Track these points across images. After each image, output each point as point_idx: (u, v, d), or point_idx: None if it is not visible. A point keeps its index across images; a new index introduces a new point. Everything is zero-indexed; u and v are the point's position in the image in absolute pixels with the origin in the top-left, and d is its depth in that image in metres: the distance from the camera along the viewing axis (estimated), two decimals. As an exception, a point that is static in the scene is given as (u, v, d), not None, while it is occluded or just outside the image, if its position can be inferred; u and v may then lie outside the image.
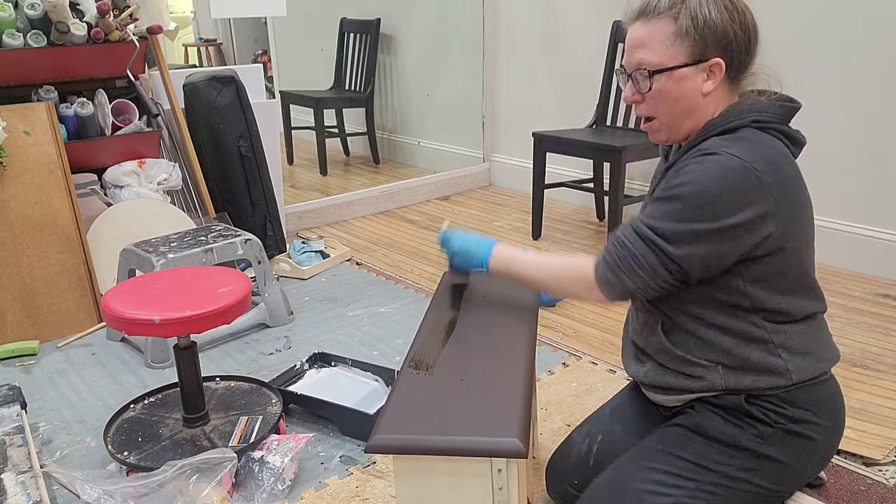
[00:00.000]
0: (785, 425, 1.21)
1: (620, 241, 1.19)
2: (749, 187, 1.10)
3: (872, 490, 1.56)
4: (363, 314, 2.54)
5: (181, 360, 1.67)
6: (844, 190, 2.77)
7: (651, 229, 1.15)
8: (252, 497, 1.56)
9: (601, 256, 1.22)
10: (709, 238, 1.12)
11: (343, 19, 4.71)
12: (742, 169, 1.10)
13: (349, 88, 4.71)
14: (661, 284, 1.17)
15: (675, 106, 1.19)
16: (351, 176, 4.51)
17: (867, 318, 2.39)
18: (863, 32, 2.61)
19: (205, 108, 2.76)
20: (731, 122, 1.17)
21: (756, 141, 1.15)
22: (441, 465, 0.99)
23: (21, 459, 1.64)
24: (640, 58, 1.18)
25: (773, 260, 1.16)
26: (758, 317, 1.19)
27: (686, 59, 1.16)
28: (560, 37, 3.70)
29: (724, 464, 1.21)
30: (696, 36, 1.14)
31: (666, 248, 1.13)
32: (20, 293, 2.31)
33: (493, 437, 0.96)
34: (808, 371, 1.21)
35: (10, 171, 2.33)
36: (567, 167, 3.67)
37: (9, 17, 2.40)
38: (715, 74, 1.17)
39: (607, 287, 1.20)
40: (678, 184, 1.14)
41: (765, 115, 1.17)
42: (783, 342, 1.20)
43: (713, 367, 1.22)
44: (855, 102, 2.68)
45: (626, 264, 1.17)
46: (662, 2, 1.16)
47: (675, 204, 1.13)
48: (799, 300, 1.21)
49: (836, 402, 1.26)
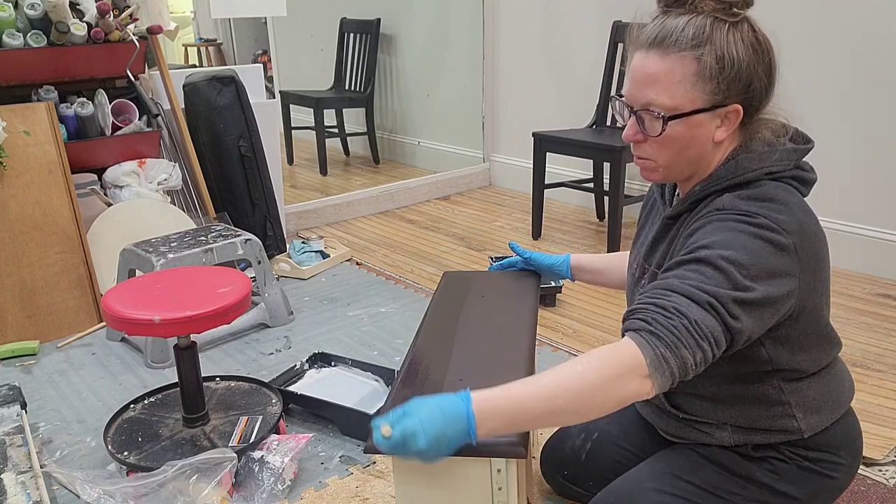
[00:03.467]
0: (801, 462, 1.15)
1: (670, 308, 0.95)
2: (786, 255, 1.00)
3: (872, 490, 1.56)
4: (363, 314, 2.54)
5: (181, 360, 1.67)
6: (845, 190, 2.77)
7: (707, 293, 0.95)
8: (252, 497, 1.56)
9: (641, 331, 0.95)
10: (757, 308, 0.98)
11: (343, 19, 4.71)
12: (777, 234, 1.00)
13: (349, 88, 4.71)
14: (715, 357, 0.97)
15: (682, 153, 1.06)
16: (351, 176, 4.51)
17: (867, 318, 2.39)
18: (864, 34, 2.61)
19: (205, 108, 2.76)
20: (743, 175, 1.05)
21: (781, 200, 1.03)
22: (440, 465, 0.99)
23: (21, 459, 1.64)
24: (651, 97, 1.04)
25: (795, 323, 1.07)
26: (775, 379, 1.11)
27: (704, 104, 1.02)
28: (560, 37, 3.70)
29: (736, 493, 1.15)
30: (720, 79, 1.01)
31: (726, 318, 0.95)
32: (20, 293, 2.31)
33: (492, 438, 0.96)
34: (821, 425, 1.15)
35: (10, 171, 2.33)
36: (567, 167, 3.67)
37: (9, 17, 2.40)
38: (731, 121, 1.05)
39: (662, 370, 0.92)
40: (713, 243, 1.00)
41: (777, 166, 1.06)
42: (799, 401, 1.12)
43: (721, 426, 1.15)
44: (856, 103, 2.68)
45: (686, 335, 0.93)
46: (686, 33, 1.01)
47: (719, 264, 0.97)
48: (818, 353, 1.14)
49: (854, 436, 1.20)
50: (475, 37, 4.11)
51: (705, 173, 1.10)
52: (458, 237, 3.35)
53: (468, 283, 1.49)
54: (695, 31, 1.01)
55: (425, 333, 1.28)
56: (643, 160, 1.11)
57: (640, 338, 0.94)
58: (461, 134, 4.38)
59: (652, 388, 0.93)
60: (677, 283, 0.97)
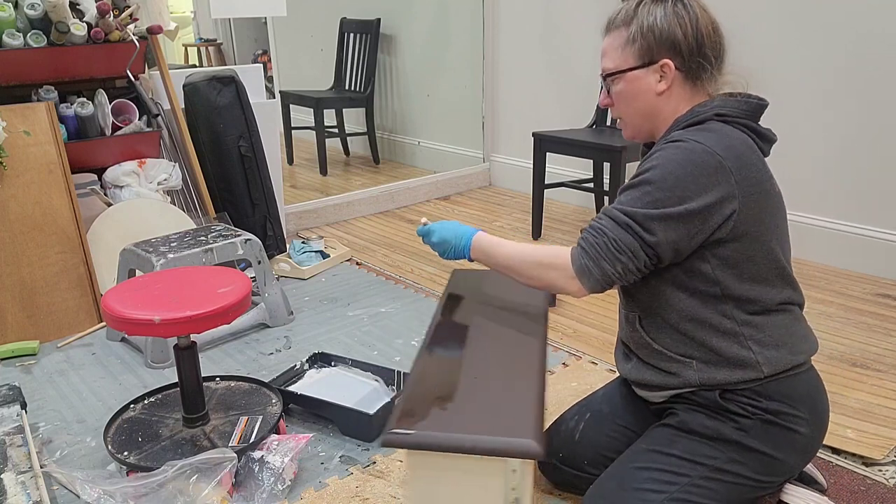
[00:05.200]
0: (763, 416, 1.24)
1: (597, 228, 1.23)
2: (711, 170, 1.17)
3: (872, 490, 1.56)
4: (363, 314, 2.54)
5: (181, 360, 1.67)
6: (844, 190, 2.77)
7: (626, 214, 1.20)
8: (252, 497, 1.56)
9: (577, 245, 1.25)
10: (679, 221, 1.17)
11: (343, 19, 4.71)
12: (704, 153, 1.17)
13: (349, 88, 4.71)
14: (640, 268, 1.21)
15: (632, 105, 1.30)
16: (351, 176, 4.51)
17: (867, 318, 2.39)
18: (855, 36, 2.61)
19: (205, 108, 2.76)
20: (696, 116, 1.24)
21: (718, 131, 1.21)
22: (455, 462, 0.98)
23: (21, 459, 1.64)
24: (603, 65, 1.32)
25: (739, 245, 1.21)
26: (728, 306, 1.23)
27: (635, 62, 1.27)
28: (560, 37, 3.70)
29: (713, 457, 1.25)
30: (642, 41, 1.25)
31: (642, 233, 1.18)
32: (20, 293, 2.31)
33: (509, 438, 0.96)
34: (780, 364, 1.24)
35: (10, 171, 2.33)
36: (567, 167, 3.68)
37: (9, 17, 2.40)
38: (667, 74, 1.26)
39: (586, 275, 1.23)
40: (646, 169, 1.21)
41: (727, 109, 1.24)
42: (753, 334, 1.24)
43: (687, 363, 1.27)
44: (855, 103, 2.68)
45: (606, 250, 1.21)
46: (619, 15, 1.29)
47: (644, 188, 1.20)
48: (770, 289, 1.24)
49: (814, 393, 1.29)
50: (475, 37, 4.11)
51: (665, 127, 1.29)
52: (458, 237, 3.35)
53: (478, 280, 1.50)
54: (625, 11, 1.29)
55: (438, 330, 1.28)
56: (618, 120, 1.37)
57: (575, 250, 1.25)
58: (461, 134, 4.38)
59: (580, 286, 1.24)
60: (611, 207, 1.24)
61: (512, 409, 1.03)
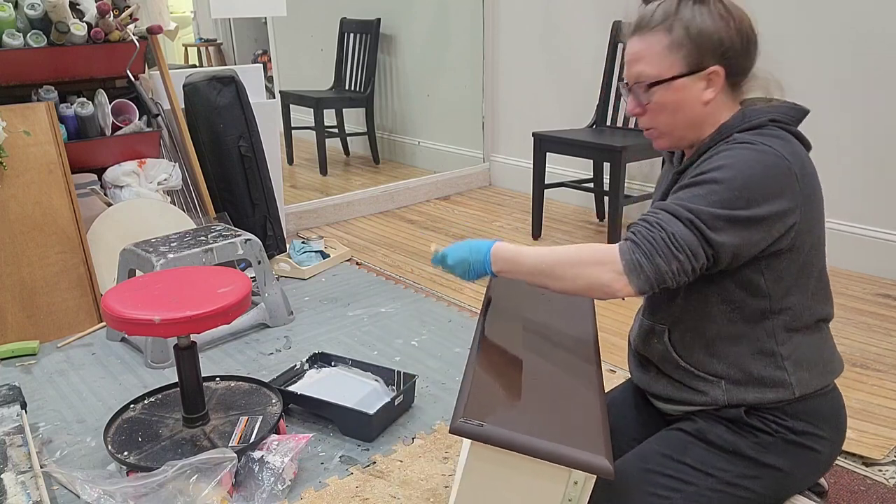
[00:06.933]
0: (786, 435, 1.20)
1: (652, 222, 1.11)
2: (783, 177, 1.09)
3: (872, 490, 1.56)
4: (363, 314, 2.54)
5: (181, 360, 1.67)
6: (845, 190, 2.77)
7: (689, 211, 1.09)
8: (252, 497, 1.56)
9: (627, 240, 1.12)
10: (744, 226, 1.08)
11: (343, 19, 4.71)
12: (775, 156, 1.09)
13: (349, 88, 4.71)
14: (696, 270, 1.10)
15: (675, 116, 1.19)
16: (351, 176, 4.51)
17: (867, 318, 2.39)
18: (855, 36, 2.61)
19: (205, 108, 2.76)
20: (751, 121, 1.16)
21: (782, 136, 1.14)
22: (521, 462, 0.98)
23: (21, 459, 1.64)
24: (638, 70, 1.19)
25: (795, 255, 1.15)
26: (772, 322, 1.17)
27: (683, 69, 1.16)
28: (560, 37, 3.70)
29: (724, 470, 1.21)
30: (690, 46, 1.14)
31: (705, 231, 1.08)
32: (20, 293, 2.31)
33: (582, 451, 0.96)
34: (811, 385, 1.20)
35: (10, 171, 2.33)
36: (567, 167, 3.68)
37: (9, 17, 2.40)
38: (714, 82, 1.16)
39: (636, 272, 1.09)
40: (713, 168, 1.11)
41: (780, 115, 1.17)
42: (790, 354, 1.18)
43: (717, 382, 1.21)
44: (856, 103, 2.68)
45: (663, 246, 1.08)
46: (656, 15, 1.17)
47: (711, 186, 1.09)
48: (814, 303, 1.20)
49: (838, 413, 1.25)
50: (475, 37, 4.11)
51: (707, 134, 1.19)
52: (458, 237, 3.35)
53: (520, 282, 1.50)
54: (664, 11, 1.16)
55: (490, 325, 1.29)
56: (648, 130, 1.24)
57: (624, 244, 1.12)
58: (461, 134, 4.38)
59: (627, 284, 1.10)
60: (669, 203, 1.12)
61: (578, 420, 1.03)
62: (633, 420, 1.41)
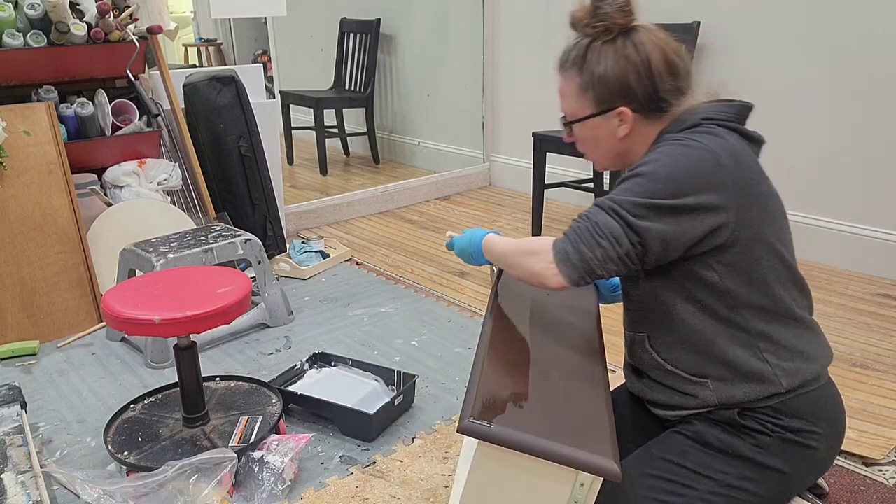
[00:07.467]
0: (783, 434, 1.20)
1: (582, 215, 1.18)
2: (711, 170, 1.12)
3: (872, 490, 1.56)
4: (363, 314, 2.54)
5: (181, 360, 1.67)
6: (844, 190, 2.77)
7: (612, 201, 1.15)
8: (252, 497, 1.56)
9: (560, 236, 1.20)
10: (669, 214, 1.12)
11: (343, 19, 4.71)
12: (703, 151, 1.13)
13: (349, 88, 4.71)
14: (622, 257, 1.14)
15: (598, 148, 1.29)
16: (351, 176, 4.51)
17: (867, 318, 2.39)
18: (855, 36, 2.61)
19: (205, 108, 2.76)
20: (684, 123, 1.20)
21: (714, 132, 1.17)
22: (528, 463, 0.98)
23: (21, 459, 1.64)
24: (563, 108, 1.29)
25: (742, 248, 1.16)
26: (741, 317, 1.19)
27: (593, 110, 1.24)
28: (560, 37, 3.68)
29: (724, 472, 1.21)
30: (598, 88, 1.22)
31: (628, 218, 1.12)
32: (20, 293, 2.31)
33: (590, 454, 0.96)
34: (797, 375, 1.20)
35: (10, 171, 2.33)
36: (567, 167, 3.68)
37: (9, 17, 2.40)
38: (625, 120, 1.22)
39: (565, 261, 1.16)
40: (641, 163, 1.17)
41: (713, 113, 1.20)
42: (767, 345, 1.19)
43: (703, 383, 1.22)
44: (856, 103, 2.68)
45: (586, 234, 1.15)
46: (571, 55, 1.25)
47: (637, 179, 1.15)
48: (781, 292, 1.20)
49: (833, 409, 1.25)
50: (475, 37, 4.11)
51: (642, 152, 1.25)
52: (458, 237, 3.35)
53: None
54: (576, 52, 1.24)
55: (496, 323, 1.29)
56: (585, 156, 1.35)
57: (558, 238, 1.20)
58: (461, 134, 4.38)
59: (557, 274, 1.17)
60: (600, 199, 1.18)
61: (585, 422, 1.03)
62: (629, 422, 1.41)
